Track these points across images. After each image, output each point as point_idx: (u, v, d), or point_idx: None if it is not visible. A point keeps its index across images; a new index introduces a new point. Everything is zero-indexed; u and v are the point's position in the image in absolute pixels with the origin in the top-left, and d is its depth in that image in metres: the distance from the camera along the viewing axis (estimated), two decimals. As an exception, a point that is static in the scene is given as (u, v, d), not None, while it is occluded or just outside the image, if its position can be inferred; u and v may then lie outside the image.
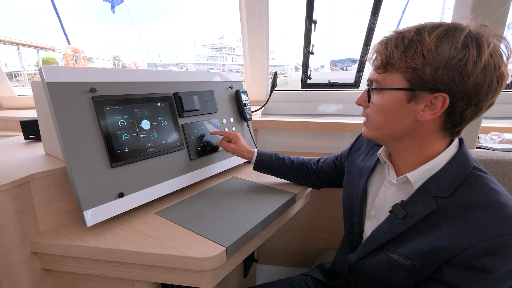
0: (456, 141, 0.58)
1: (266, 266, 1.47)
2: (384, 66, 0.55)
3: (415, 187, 0.58)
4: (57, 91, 0.67)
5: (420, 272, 0.55)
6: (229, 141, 1.00)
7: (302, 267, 1.43)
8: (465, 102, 0.51)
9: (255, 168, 1.00)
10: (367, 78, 0.61)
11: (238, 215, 0.79)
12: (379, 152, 0.68)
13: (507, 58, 0.51)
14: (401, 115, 0.56)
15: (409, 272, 0.56)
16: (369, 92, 0.59)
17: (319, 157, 0.98)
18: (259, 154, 0.98)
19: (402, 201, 0.59)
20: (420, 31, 0.51)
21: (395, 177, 0.64)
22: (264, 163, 0.98)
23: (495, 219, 0.48)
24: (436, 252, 0.52)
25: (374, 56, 0.57)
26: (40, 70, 0.66)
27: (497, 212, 0.49)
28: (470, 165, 0.56)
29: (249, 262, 1.22)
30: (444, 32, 0.50)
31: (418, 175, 0.58)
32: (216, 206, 0.85)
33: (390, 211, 0.60)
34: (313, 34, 1.57)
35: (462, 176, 0.54)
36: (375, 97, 0.59)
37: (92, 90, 0.72)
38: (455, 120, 0.54)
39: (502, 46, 0.50)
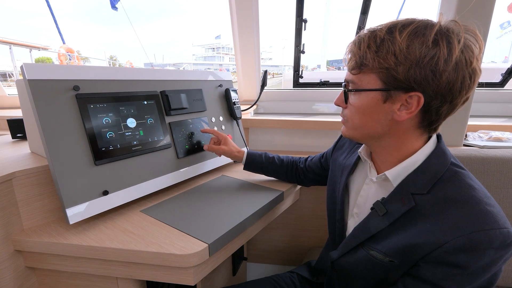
0: (434, 137, 0.59)
1: (256, 265, 1.47)
2: (358, 67, 0.55)
3: (394, 184, 0.58)
4: (39, 89, 0.66)
5: (398, 269, 0.55)
6: (218, 142, 1.00)
7: (292, 265, 1.43)
8: (439, 100, 0.51)
9: (245, 168, 1.00)
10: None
11: (223, 213, 0.79)
12: (359, 150, 0.69)
13: (479, 53, 0.50)
14: (378, 115, 0.56)
15: (387, 269, 0.57)
16: (345, 93, 0.60)
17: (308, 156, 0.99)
18: (249, 154, 0.99)
19: (383, 198, 0.59)
20: (391, 29, 0.51)
21: (375, 175, 0.64)
22: (255, 163, 0.99)
23: (469, 215, 0.49)
24: (413, 248, 0.52)
25: (348, 57, 0.57)
26: (21, 67, 0.65)
27: (471, 209, 0.49)
28: (448, 161, 0.56)
29: (238, 260, 1.23)
30: (414, 30, 0.49)
31: (397, 173, 0.58)
32: (202, 204, 0.85)
33: (371, 209, 0.61)
34: (308, 34, 1.58)
35: (440, 172, 0.55)
36: (352, 98, 0.59)
37: (76, 88, 0.72)
38: (432, 118, 0.54)
39: (473, 40, 0.50)
